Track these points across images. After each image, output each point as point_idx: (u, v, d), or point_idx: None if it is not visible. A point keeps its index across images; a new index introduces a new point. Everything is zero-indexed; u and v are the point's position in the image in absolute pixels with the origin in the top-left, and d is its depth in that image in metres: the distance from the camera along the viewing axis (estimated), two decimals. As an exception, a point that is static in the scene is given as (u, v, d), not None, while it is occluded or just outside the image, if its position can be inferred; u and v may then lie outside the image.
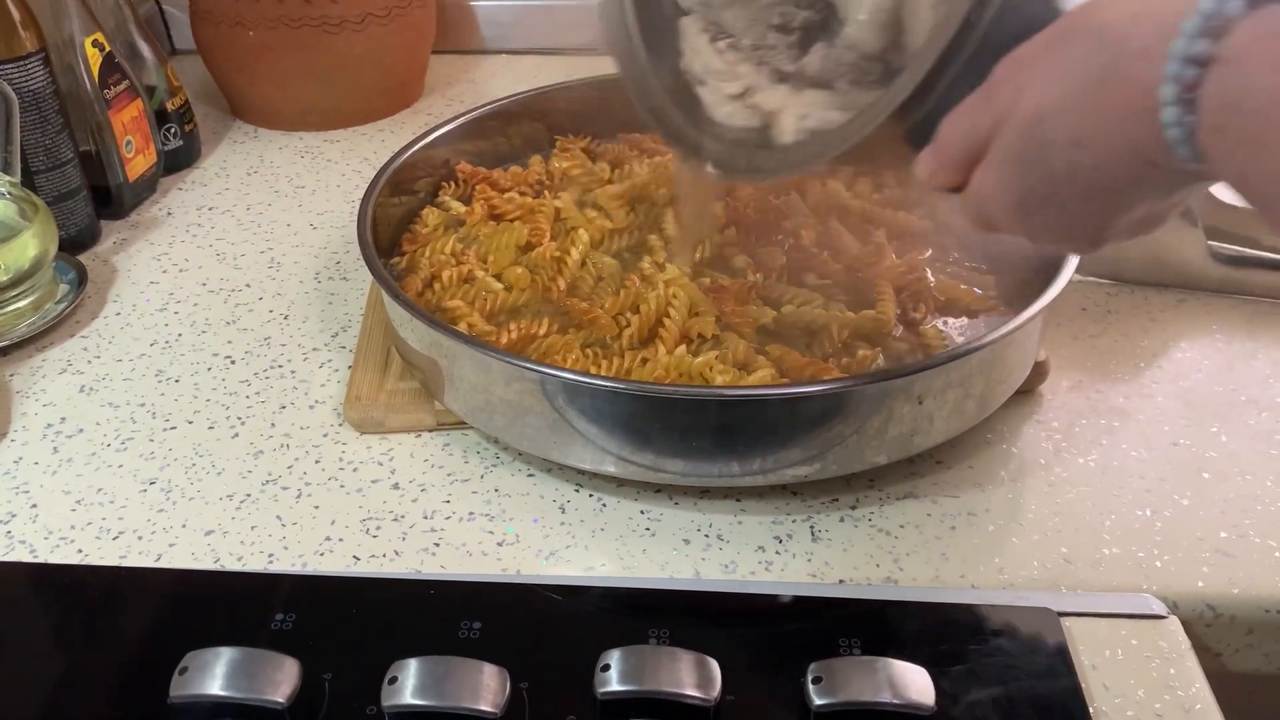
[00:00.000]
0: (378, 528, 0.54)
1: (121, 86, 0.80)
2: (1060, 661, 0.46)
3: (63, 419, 0.62)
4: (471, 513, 0.55)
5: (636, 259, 0.66)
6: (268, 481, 0.57)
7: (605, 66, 0.75)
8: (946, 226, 0.52)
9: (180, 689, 0.42)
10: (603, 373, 0.56)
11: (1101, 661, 0.46)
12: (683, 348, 0.58)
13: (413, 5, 0.94)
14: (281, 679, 0.42)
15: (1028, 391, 0.60)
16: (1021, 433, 0.59)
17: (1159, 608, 0.48)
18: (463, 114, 0.76)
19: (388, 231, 0.69)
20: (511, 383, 0.53)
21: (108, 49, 0.78)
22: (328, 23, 0.89)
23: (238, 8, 0.89)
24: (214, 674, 0.42)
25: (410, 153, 0.71)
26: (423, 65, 1.01)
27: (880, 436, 0.53)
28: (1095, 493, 0.55)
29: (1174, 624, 0.48)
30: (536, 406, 0.53)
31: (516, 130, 0.79)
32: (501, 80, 1.04)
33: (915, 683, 0.42)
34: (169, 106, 0.87)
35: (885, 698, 0.41)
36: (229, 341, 0.68)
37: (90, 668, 0.46)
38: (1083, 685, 0.45)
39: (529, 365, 0.52)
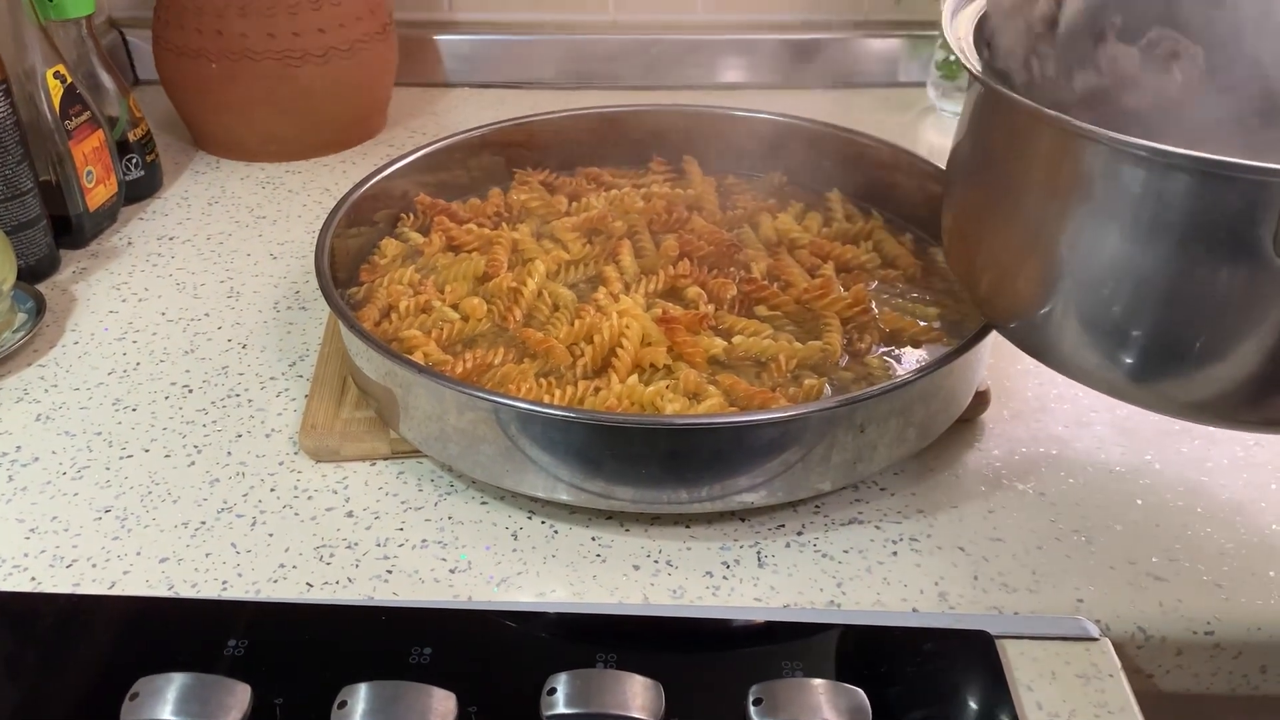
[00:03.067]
0: (331, 555, 0.54)
1: (83, 117, 0.80)
2: (995, 682, 0.47)
3: (18, 447, 0.62)
4: (424, 540, 0.55)
5: (592, 289, 0.67)
6: (223, 509, 0.57)
7: (564, 101, 0.77)
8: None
9: (131, 714, 0.43)
10: (556, 402, 0.57)
11: (1036, 682, 0.47)
12: (634, 377, 0.59)
13: (375, 39, 0.96)
14: (232, 704, 0.43)
15: (969, 420, 0.62)
16: (963, 460, 0.60)
17: (1092, 630, 0.50)
18: (423, 146, 0.77)
19: (346, 262, 0.70)
20: (465, 412, 0.54)
21: (69, 80, 0.79)
22: (290, 55, 0.91)
23: (201, 39, 0.90)
24: (165, 699, 0.42)
25: (370, 184, 0.73)
26: (385, 98, 1.03)
27: (824, 464, 0.54)
28: (1033, 519, 0.57)
29: (1106, 646, 0.49)
30: (490, 435, 0.54)
31: (476, 163, 0.80)
32: (463, 113, 1.06)
33: (853, 703, 0.43)
34: (131, 137, 0.88)
35: (823, 718, 0.42)
36: (187, 370, 0.69)
37: (41, 695, 0.46)
38: (1017, 706, 0.46)
39: (481, 394, 0.53)
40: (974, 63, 0.51)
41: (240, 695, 0.43)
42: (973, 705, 0.46)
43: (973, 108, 0.55)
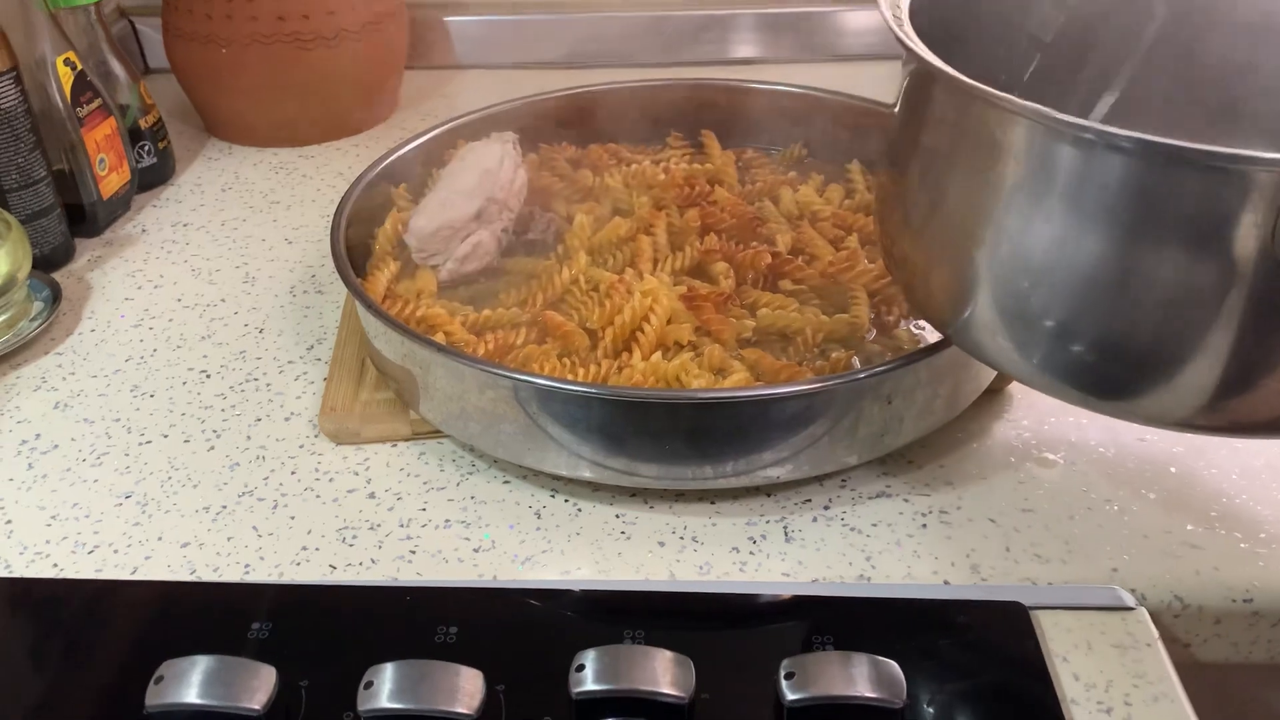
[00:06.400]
0: (354, 537, 0.54)
1: (94, 105, 0.80)
2: (1031, 654, 0.46)
3: (37, 435, 0.62)
4: (447, 520, 0.55)
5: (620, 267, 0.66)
6: (244, 493, 0.57)
7: (576, 82, 0.77)
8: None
9: (156, 698, 0.42)
10: (579, 379, 0.56)
11: (1072, 653, 0.47)
12: (658, 354, 0.58)
13: (385, 22, 0.95)
14: (258, 686, 0.42)
15: (997, 390, 0.61)
16: (992, 431, 0.59)
17: (1128, 599, 0.49)
18: (436, 127, 0.76)
19: (361, 245, 0.69)
20: (485, 390, 0.54)
21: (80, 68, 0.78)
22: (301, 39, 0.90)
23: (211, 25, 0.90)
24: (189, 682, 0.42)
25: (384, 165, 0.72)
26: (396, 81, 1.02)
27: (851, 436, 0.53)
28: (1064, 489, 0.56)
29: (1142, 615, 0.49)
30: (510, 413, 0.53)
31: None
32: (474, 94, 1.05)
33: (887, 676, 0.42)
34: (142, 124, 0.87)
35: (857, 691, 0.41)
36: (204, 356, 0.68)
37: (66, 680, 0.46)
38: (1053, 677, 0.45)
39: (501, 372, 0.53)
40: (908, 32, 0.48)
41: (265, 677, 0.43)
42: (1009, 677, 0.45)
43: (903, 86, 0.51)
